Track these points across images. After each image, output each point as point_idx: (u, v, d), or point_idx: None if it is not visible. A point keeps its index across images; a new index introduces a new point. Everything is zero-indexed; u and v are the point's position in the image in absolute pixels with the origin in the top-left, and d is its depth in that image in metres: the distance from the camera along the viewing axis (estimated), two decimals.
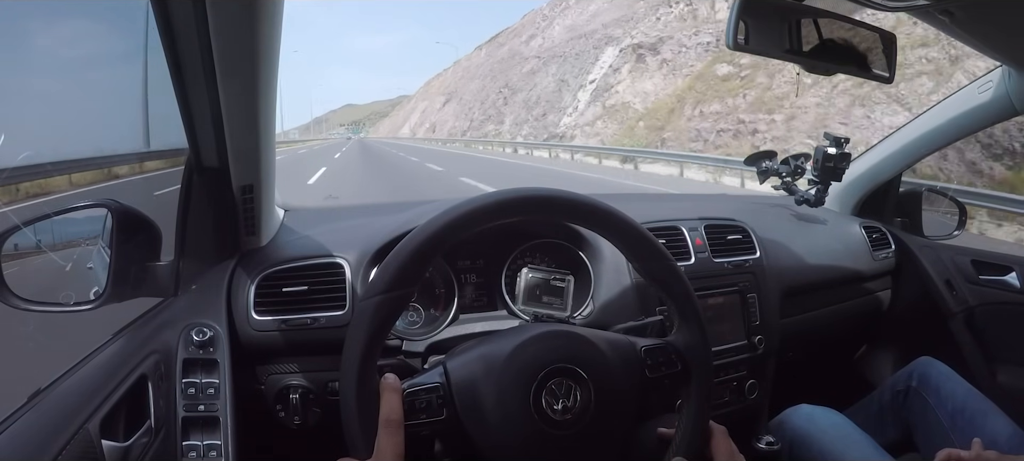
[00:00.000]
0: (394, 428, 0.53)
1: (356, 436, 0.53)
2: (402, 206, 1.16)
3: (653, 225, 1.11)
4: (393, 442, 0.53)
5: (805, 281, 1.28)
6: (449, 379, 0.58)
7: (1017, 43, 0.97)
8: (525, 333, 0.61)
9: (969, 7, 0.78)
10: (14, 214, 0.70)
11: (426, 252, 0.57)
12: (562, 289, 0.98)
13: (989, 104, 1.18)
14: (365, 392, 0.54)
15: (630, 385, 0.62)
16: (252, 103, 0.74)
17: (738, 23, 0.80)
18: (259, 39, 0.66)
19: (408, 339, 0.90)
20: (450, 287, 0.99)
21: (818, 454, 0.97)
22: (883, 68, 0.93)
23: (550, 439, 0.56)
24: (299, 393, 0.87)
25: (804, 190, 1.44)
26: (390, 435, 0.53)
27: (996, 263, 1.37)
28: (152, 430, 0.69)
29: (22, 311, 0.68)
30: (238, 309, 0.86)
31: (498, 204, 0.59)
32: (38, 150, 2.33)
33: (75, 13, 2.06)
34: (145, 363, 0.71)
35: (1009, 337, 1.32)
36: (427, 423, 0.56)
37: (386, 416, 0.53)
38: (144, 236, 0.79)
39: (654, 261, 0.65)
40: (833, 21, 0.88)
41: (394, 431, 0.53)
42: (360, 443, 0.53)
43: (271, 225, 0.99)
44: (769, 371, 1.18)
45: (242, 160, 0.82)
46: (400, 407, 0.54)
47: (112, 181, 3.22)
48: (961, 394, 1.04)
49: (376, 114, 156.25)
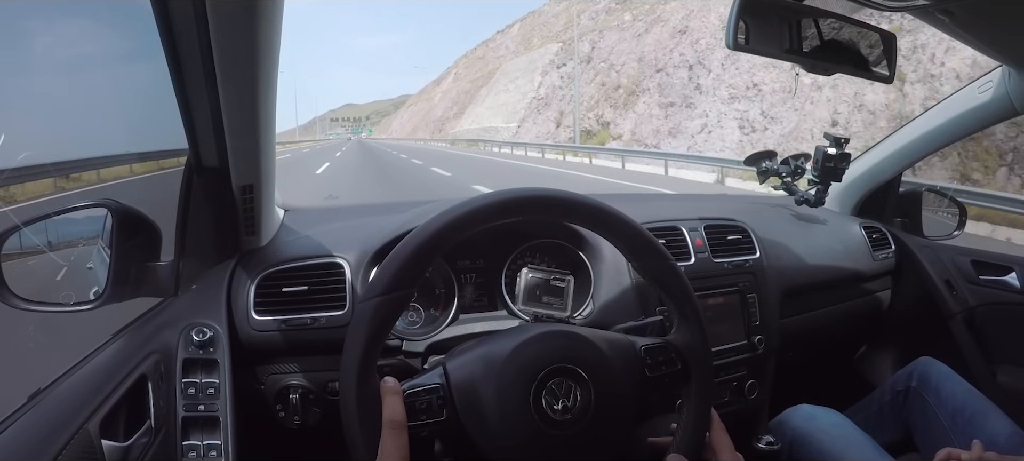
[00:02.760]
0: (399, 429, 0.53)
1: (357, 437, 0.53)
2: (402, 206, 1.16)
3: (653, 225, 1.11)
4: (398, 444, 0.53)
5: (805, 281, 1.28)
6: (449, 379, 0.58)
7: (1017, 43, 0.97)
8: (525, 333, 0.61)
9: (969, 7, 0.78)
10: (14, 214, 0.70)
11: (426, 253, 0.57)
12: (562, 289, 0.98)
13: (989, 104, 1.18)
14: (365, 393, 0.54)
15: (630, 385, 0.62)
16: (252, 103, 0.74)
17: (738, 23, 0.80)
18: (259, 39, 0.66)
19: (408, 339, 0.90)
20: (450, 287, 0.99)
21: (818, 454, 0.97)
22: (883, 68, 0.93)
23: (550, 439, 0.56)
24: (299, 393, 0.87)
25: (804, 190, 1.44)
26: (395, 437, 0.53)
27: (996, 263, 1.37)
28: (152, 430, 0.69)
29: (22, 311, 0.68)
30: (238, 309, 0.86)
31: (498, 204, 0.59)
32: (37, 150, 2.33)
33: (75, 13, 2.05)
34: (145, 363, 0.71)
35: (1009, 337, 1.32)
36: (427, 424, 0.56)
37: (390, 417, 0.53)
38: (144, 236, 0.79)
39: (654, 261, 0.65)
40: (833, 21, 0.88)
41: (399, 433, 0.53)
42: (361, 444, 0.53)
43: (271, 225, 0.99)
44: (769, 371, 1.18)
45: (242, 160, 0.82)
46: (403, 408, 0.54)
47: (113, 181, 3.23)
48: (961, 394, 1.04)
49: (378, 113, 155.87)
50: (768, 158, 1.45)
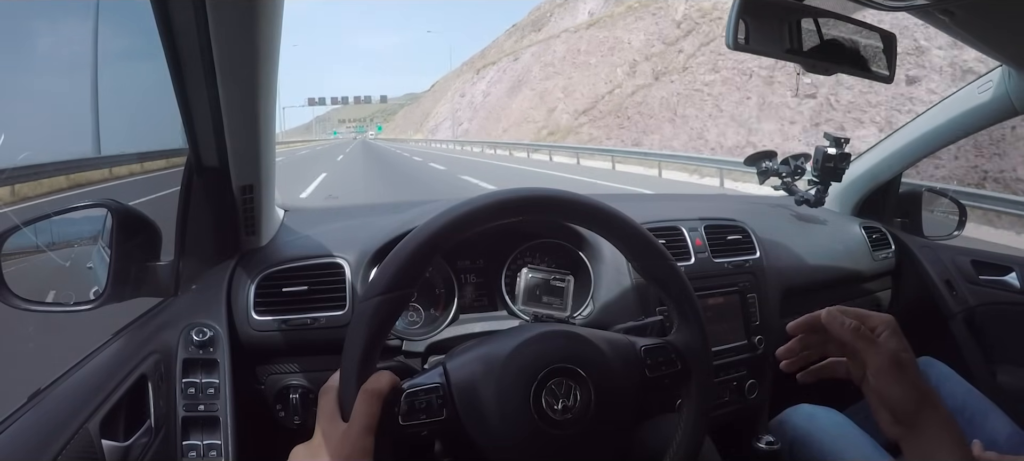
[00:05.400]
0: (375, 398, 0.53)
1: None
2: (402, 206, 1.16)
3: (653, 225, 1.11)
4: (370, 412, 0.52)
5: (805, 281, 1.28)
6: (449, 379, 0.58)
7: (1017, 43, 0.97)
8: (525, 333, 0.61)
9: (969, 7, 0.78)
10: (14, 214, 0.70)
11: (426, 252, 0.57)
12: (562, 289, 0.98)
13: (989, 104, 1.17)
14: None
15: (630, 385, 0.62)
16: (252, 103, 0.74)
17: (738, 23, 0.80)
18: (259, 39, 0.66)
19: (408, 339, 0.90)
20: (450, 287, 0.99)
21: (818, 454, 0.97)
22: (883, 68, 0.93)
23: (550, 439, 0.56)
24: (299, 393, 0.87)
25: (804, 190, 1.44)
26: (368, 403, 0.52)
27: (996, 263, 1.37)
28: (152, 430, 0.69)
29: (22, 311, 0.68)
30: (238, 309, 0.86)
31: (498, 204, 0.59)
32: (38, 150, 2.33)
33: (74, 13, 2.05)
34: (145, 363, 0.72)
35: (1009, 337, 1.32)
36: (427, 423, 0.56)
37: (372, 387, 0.53)
38: (144, 236, 0.79)
39: (654, 261, 0.65)
40: (833, 21, 0.88)
41: (373, 401, 0.53)
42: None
43: (271, 225, 0.99)
44: (769, 371, 1.18)
45: (242, 160, 0.82)
46: (388, 384, 0.54)
47: (113, 181, 3.23)
48: (961, 394, 1.04)
49: (383, 111, 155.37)
50: (768, 158, 1.45)
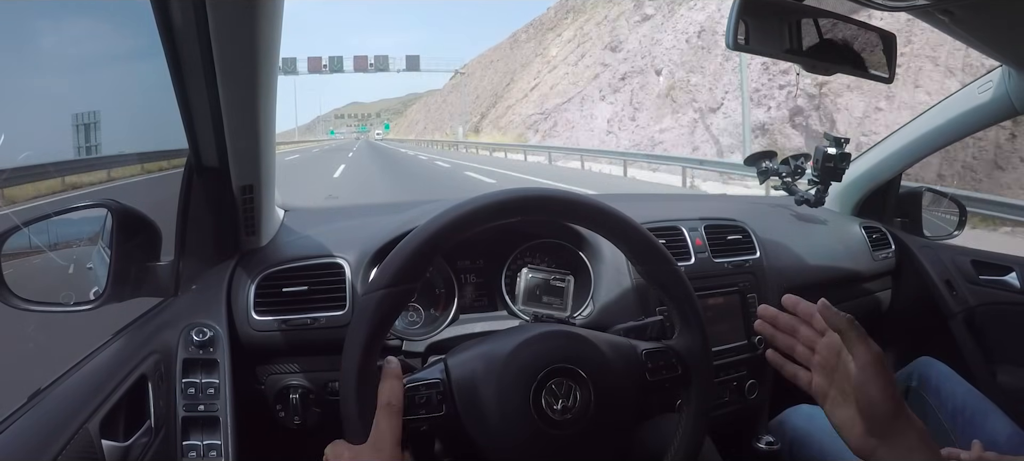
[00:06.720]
0: (394, 412, 0.53)
1: (354, 420, 0.53)
2: (402, 206, 1.16)
3: (653, 225, 1.11)
4: (392, 425, 0.53)
5: (805, 281, 1.28)
6: (449, 375, 0.58)
7: (1017, 43, 0.97)
8: (525, 333, 0.61)
9: (969, 7, 0.78)
10: (14, 214, 0.70)
11: (428, 250, 0.57)
12: (562, 289, 0.98)
13: (989, 104, 1.17)
14: (365, 387, 0.54)
15: (630, 387, 0.62)
16: (252, 103, 0.74)
17: (738, 23, 0.80)
18: (259, 39, 0.66)
19: (408, 339, 0.90)
20: (450, 287, 0.99)
21: (818, 454, 0.97)
22: (883, 68, 0.93)
23: (550, 439, 0.56)
24: (299, 393, 0.87)
25: (804, 190, 1.44)
26: (389, 418, 0.53)
27: (996, 263, 1.37)
28: (152, 430, 0.69)
29: (22, 311, 0.68)
30: (238, 309, 0.86)
31: (499, 204, 0.59)
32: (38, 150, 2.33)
33: (74, 13, 2.05)
34: (145, 363, 0.71)
35: (1009, 337, 1.32)
36: (426, 418, 0.56)
37: (387, 400, 0.53)
38: (144, 236, 0.79)
39: (655, 263, 0.65)
40: (833, 21, 0.88)
41: (394, 415, 0.53)
42: (358, 428, 0.53)
43: (271, 225, 0.99)
44: (769, 371, 1.18)
45: (242, 160, 0.82)
46: (401, 393, 0.55)
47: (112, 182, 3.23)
48: (961, 394, 1.04)
49: (387, 110, 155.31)
50: (768, 158, 1.45)
